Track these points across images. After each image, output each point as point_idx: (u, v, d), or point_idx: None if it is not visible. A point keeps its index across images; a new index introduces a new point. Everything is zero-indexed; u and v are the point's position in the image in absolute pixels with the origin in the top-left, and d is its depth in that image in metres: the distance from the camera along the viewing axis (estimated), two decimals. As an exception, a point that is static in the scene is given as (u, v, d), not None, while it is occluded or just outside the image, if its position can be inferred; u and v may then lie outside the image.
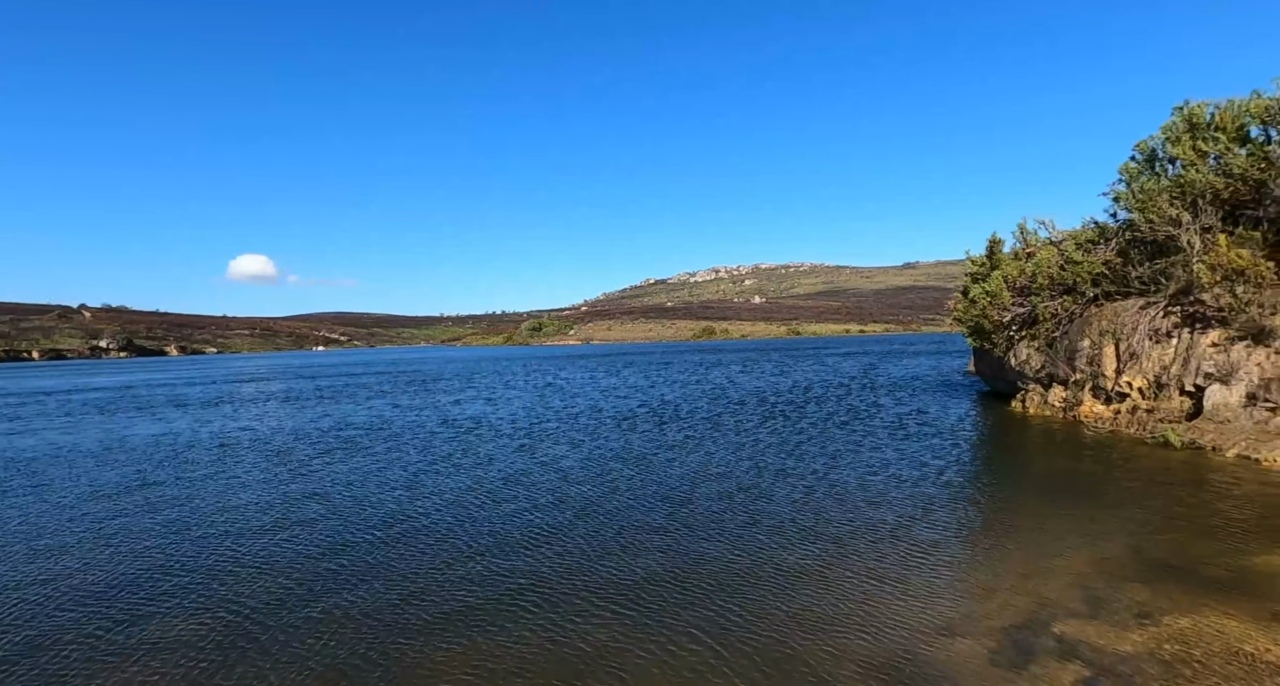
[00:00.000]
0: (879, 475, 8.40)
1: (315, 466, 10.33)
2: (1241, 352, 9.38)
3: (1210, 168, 11.01)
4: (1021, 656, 3.72)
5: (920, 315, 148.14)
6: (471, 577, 5.31)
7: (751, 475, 8.73)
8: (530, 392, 22.87)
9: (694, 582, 5.12)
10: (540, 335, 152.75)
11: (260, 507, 7.81)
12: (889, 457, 9.45)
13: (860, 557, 5.45)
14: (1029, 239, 15.39)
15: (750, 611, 4.57)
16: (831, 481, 8.13)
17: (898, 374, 25.12)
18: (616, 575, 5.32)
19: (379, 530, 6.82)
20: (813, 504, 7.17)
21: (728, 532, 6.28)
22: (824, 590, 4.88)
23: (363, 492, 8.53)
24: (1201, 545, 5.39)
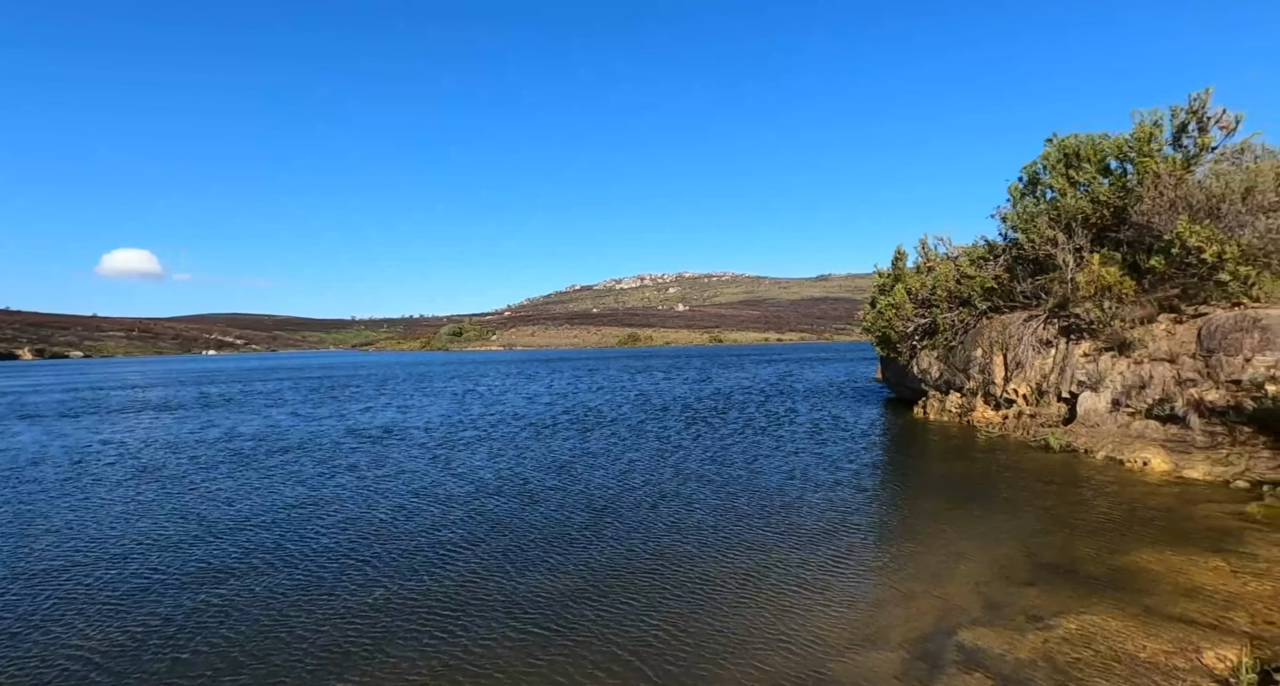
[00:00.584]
0: (796, 480, 8.53)
1: (194, 483, 9.19)
2: (1108, 362, 10.37)
3: (1080, 194, 12.19)
4: (930, 668, 3.75)
5: (833, 325, 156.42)
6: (372, 605, 4.78)
7: (674, 483, 8.63)
8: (448, 399, 21.84)
9: (614, 598, 4.89)
10: (461, 340, 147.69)
11: (119, 532, 6.78)
12: (805, 463, 9.66)
13: (780, 567, 5.43)
14: (929, 254, 16.45)
15: (672, 627, 4.40)
16: (751, 488, 8.17)
17: (813, 380, 26.16)
18: (532, 594, 4.99)
19: (265, 553, 6.08)
20: (734, 511, 7.14)
21: (650, 544, 6.10)
22: (744, 602, 4.79)
23: (248, 511, 7.65)
24: (1081, 545, 5.79)
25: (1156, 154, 11.21)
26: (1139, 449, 8.90)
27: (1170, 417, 9.19)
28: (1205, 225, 9.64)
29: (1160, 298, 10.27)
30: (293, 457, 11.24)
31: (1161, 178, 10.64)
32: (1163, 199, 10.58)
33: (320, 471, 10.00)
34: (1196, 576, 4.94)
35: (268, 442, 12.97)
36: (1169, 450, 8.68)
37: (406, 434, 13.98)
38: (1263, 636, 3.96)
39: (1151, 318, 10.18)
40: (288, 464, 10.68)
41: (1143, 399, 9.71)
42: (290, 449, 12.15)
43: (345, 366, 58.26)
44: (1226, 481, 7.60)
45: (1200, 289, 9.77)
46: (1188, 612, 4.32)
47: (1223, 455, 8.16)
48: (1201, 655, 3.70)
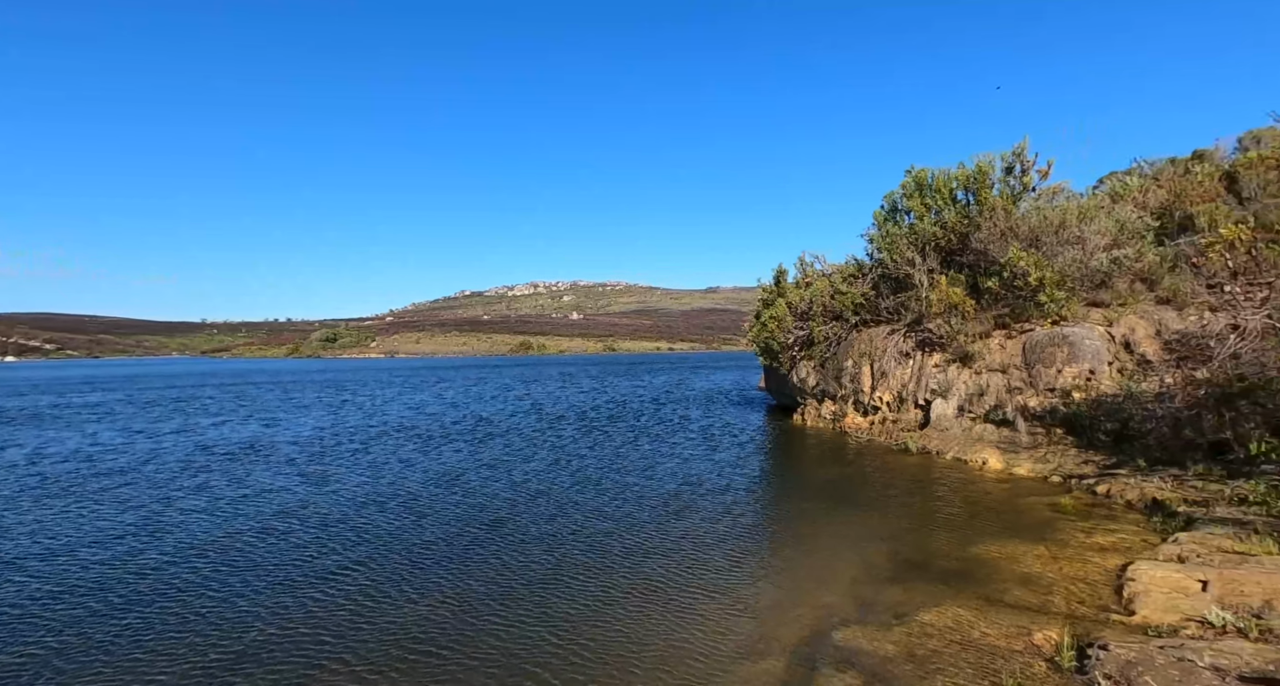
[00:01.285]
0: (688, 487, 8.67)
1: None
2: (954, 372, 11.67)
3: (932, 220, 13.69)
4: (808, 672, 3.91)
5: (721, 335, 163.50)
6: (242, 653, 4.11)
7: (570, 492, 8.46)
8: (322, 410, 19.94)
9: (509, 615, 4.62)
10: (335, 347, 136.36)
11: None
12: (697, 469, 9.87)
13: (669, 580, 5.43)
14: (807, 271, 17.65)
15: (569, 642, 4.23)
16: (646, 496, 8.17)
17: (702, 389, 27.06)
18: (424, 616, 4.58)
19: (84, 595, 5.08)
20: (629, 520, 7.08)
21: (539, 564, 5.86)
22: (641, 614, 4.75)
23: (59, 544, 6.39)
24: (936, 541, 6.39)
25: (990, 189, 12.86)
26: (979, 450, 10.06)
27: (1003, 421, 10.49)
28: (1030, 253, 11.17)
29: (995, 315, 11.74)
30: (126, 480, 9.64)
31: (996, 210, 12.20)
32: (996, 228, 12.15)
33: (163, 494, 8.66)
34: (1025, 564, 5.61)
35: (92, 464, 11.04)
36: (1002, 450, 9.89)
37: (273, 449, 12.56)
38: (1076, 615, 4.56)
39: (988, 333, 11.61)
40: (119, 487, 9.15)
41: (981, 405, 11.01)
42: (123, 471, 10.42)
43: (195, 375, 51.52)
44: (1045, 477, 8.79)
45: (1025, 309, 11.29)
46: (1020, 598, 4.88)
47: (1042, 454, 9.44)
48: (1032, 637, 4.18)
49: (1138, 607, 4.54)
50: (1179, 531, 6.09)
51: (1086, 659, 3.82)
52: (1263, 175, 11.62)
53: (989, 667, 3.86)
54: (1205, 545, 5.53)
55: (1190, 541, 5.70)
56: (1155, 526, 6.41)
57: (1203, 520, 6.25)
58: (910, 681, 3.76)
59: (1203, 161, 14.71)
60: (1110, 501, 7.47)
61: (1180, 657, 3.64)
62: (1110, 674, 3.59)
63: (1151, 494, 7.26)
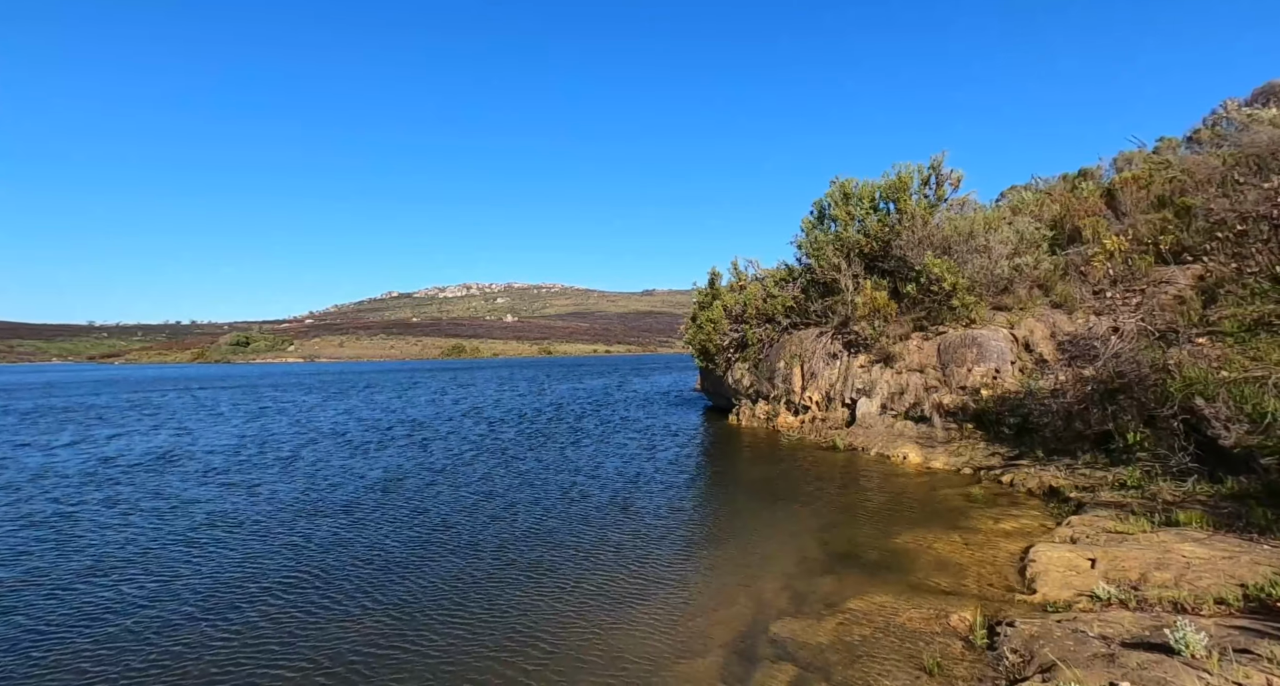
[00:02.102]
0: (627, 488, 8.71)
1: None
2: (878, 372, 12.36)
3: (857, 228, 14.44)
4: (747, 667, 4.05)
5: (658, 338, 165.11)
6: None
7: (510, 495, 8.30)
8: (241, 418, 18.58)
9: (447, 625, 4.47)
10: (247, 352, 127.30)
11: None
12: (636, 470, 9.94)
13: (610, 580, 5.46)
14: (741, 275, 18.18)
15: (508, 652, 4.13)
16: (584, 498, 8.14)
17: (640, 391, 27.27)
18: (348, 637, 4.35)
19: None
20: (570, 522, 7.04)
21: (479, 569, 5.72)
22: (581, 618, 4.73)
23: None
24: (862, 532, 6.76)
25: (909, 199, 13.72)
26: (900, 446, 10.70)
27: (921, 418, 11.21)
28: (944, 260, 11.99)
29: (914, 319, 12.53)
30: (19, 495, 8.63)
31: (915, 219, 13.02)
32: (915, 236, 12.97)
33: (66, 509, 7.82)
34: (942, 551, 6.03)
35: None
36: (920, 445, 10.57)
37: (191, 459, 11.61)
38: (986, 596, 4.96)
39: (908, 335, 12.37)
40: (10, 503, 8.18)
41: (902, 403, 11.71)
42: (12, 486, 9.33)
43: (84, 383, 46.76)
44: (958, 469, 9.47)
45: (940, 312, 12.11)
46: (938, 584, 5.24)
47: (955, 448, 10.16)
48: (949, 618, 4.51)
49: (1039, 586, 4.99)
50: (1071, 515, 6.72)
51: (996, 636, 4.16)
52: (1135, 193, 13.03)
53: (912, 650, 4.13)
54: (1093, 527, 6.15)
55: (1080, 523, 6.32)
56: (1052, 511, 7.05)
57: (1090, 504, 6.94)
58: (842, 669, 3.97)
59: (1087, 179, 16.29)
60: (1014, 490, 8.15)
61: (1074, 629, 4.04)
62: (1016, 648, 3.93)
63: (1049, 482, 7.98)
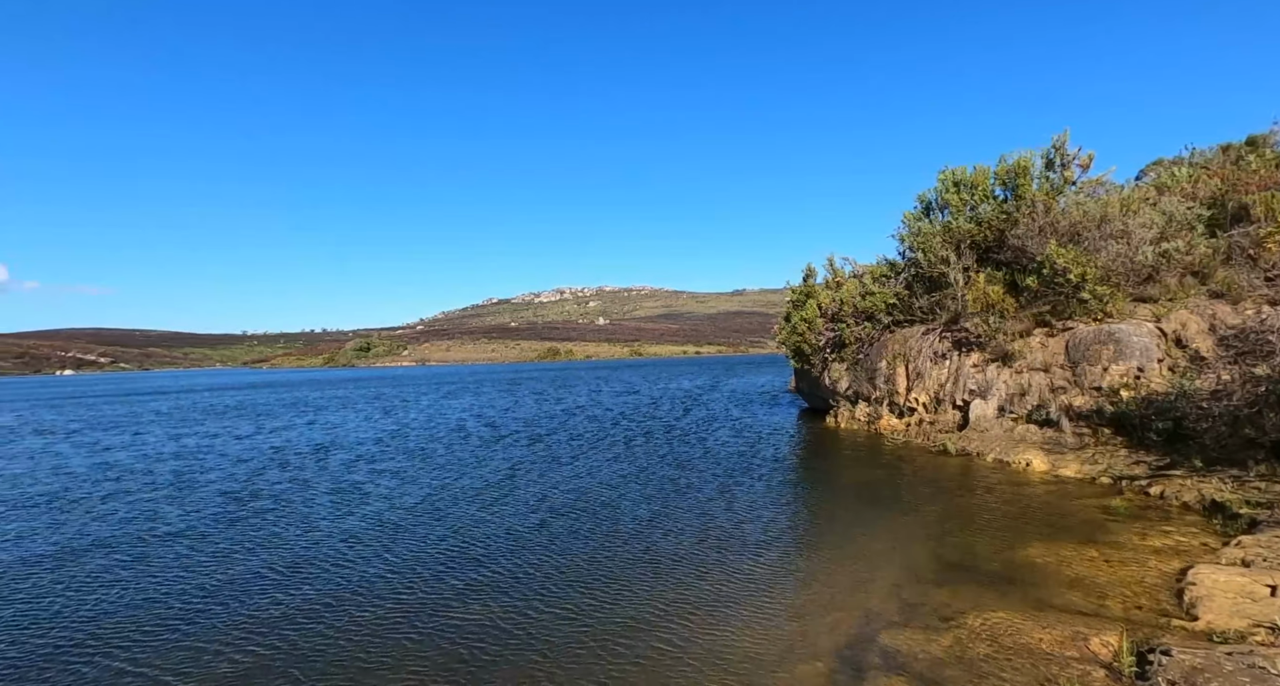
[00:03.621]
0: (723, 492, 8.63)
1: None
2: (994, 372, 11.37)
3: (968, 217, 13.39)
4: (854, 676, 3.85)
5: (748, 338, 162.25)
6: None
7: (612, 495, 8.52)
8: (378, 414, 20.45)
9: (540, 628, 4.64)
10: (368, 356, 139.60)
11: None
12: (731, 474, 9.81)
13: (707, 581, 5.42)
14: (837, 272, 17.44)
15: (606, 650, 4.23)
16: (682, 501, 8.16)
17: (732, 392, 26.89)
18: (462, 625, 4.64)
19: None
20: (667, 524, 7.08)
21: (583, 561, 5.89)
22: (678, 620, 4.73)
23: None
24: (980, 543, 6.23)
25: (1029, 184, 12.53)
26: (1022, 451, 9.77)
27: (1046, 422, 10.18)
28: (1070, 248, 10.84)
29: (1035, 313, 11.41)
30: (230, 474, 10.05)
31: (1035, 205, 11.88)
32: (1034, 224, 11.82)
33: (266, 488, 9.00)
34: (1077, 567, 5.43)
35: (203, 465, 11.52)
36: (1046, 451, 9.59)
37: (342, 449, 12.93)
38: (1134, 620, 4.39)
39: (1029, 331, 11.29)
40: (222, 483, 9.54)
41: (1023, 405, 10.70)
42: (216, 469, 10.85)
43: (243, 386, 53.36)
44: (1093, 478, 8.49)
45: (1068, 305, 10.95)
46: (1073, 602, 4.72)
47: (1089, 455, 9.12)
48: (1088, 642, 4.04)
49: (1201, 612, 4.36)
50: (1242, 534, 5.82)
51: (1148, 665, 3.68)
52: (1322, 161, 11.08)
53: (1044, 673, 3.74)
54: (1272, 548, 5.28)
55: (1255, 544, 5.44)
56: (1216, 528, 6.14)
57: (1268, 522, 5.96)
58: (963, 685, 3.67)
59: (1257, 148, 14.07)
60: (1165, 503, 7.18)
61: (1250, 664, 3.48)
62: (1174, 680, 3.45)
63: (1210, 495, 6.95)
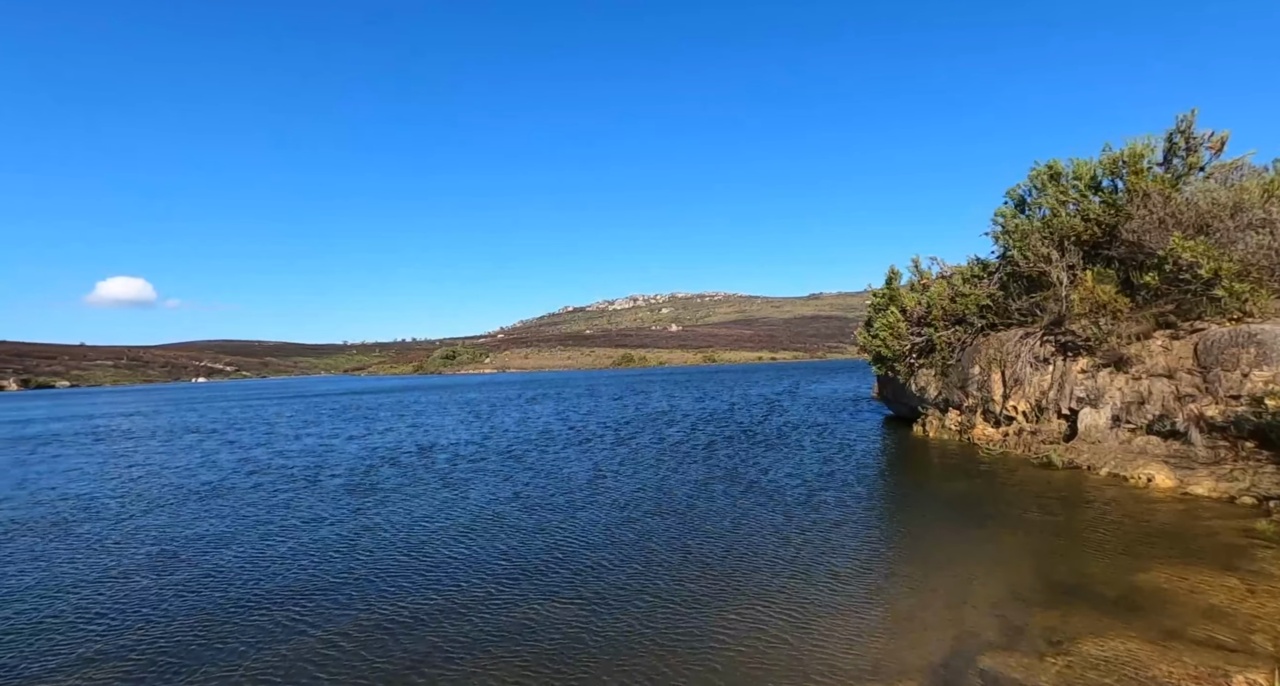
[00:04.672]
0: (804, 501, 8.39)
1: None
2: (1106, 378, 10.39)
3: (1071, 213, 12.36)
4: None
5: (826, 343, 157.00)
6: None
7: (693, 500, 8.54)
8: (470, 417, 21.61)
9: (627, 624, 4.71)
10: (454, 363, 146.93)
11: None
12: (812, 482, 9.53)
13: (793, 592, 5.29)
14: (923, 274, 16.58)
15: (688, 657, 4.23)
16: (763, 508, 8.02)
17: (811, 399, 26.11)
18: (542, 620, 4.80)
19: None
20: (748, 532, 6.99)
21: (664, 564, 5.93)
22: (759, 631, 4.64)
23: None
24: (1094, 564, 5.69)
25: (1145, 173, 11.41)
26: (1142, 465, 8.85)
27: (1171, 433, 9.17)
28: (1198, 241, 9.75)
29: (1156, 314, 10.34)
30: (355, 468, 11.02)
31: (1151, 196, 10.80)
32: (1152, 216, 10.73)
33: (394, 483, 9.81)
34: (1213, 596, 4.85)
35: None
36: (1172, 466, 8.64)
37: (442, 449, 13.78)
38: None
39: (1147, 334, 10.24)
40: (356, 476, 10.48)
41: (1143, 415, 9.70)
42: (338, 466, 11.92)
43: (346, 393, 57.70)
44: (1232, 497, 7.55)
45: (1196, 305, 9.85)
46: (1211, 635, 4.22)
47: (1227, 471, 8.12)
48: (1230, 681, 3.60)
49: (1375, 655, 3.77)
50: None
51: (1307, 710, 3.22)
52: None
53: (1175, 710, 3.37)
54: None
55: None
56: (1392, 560, 5.30)
57: None
58: (1075, 717, 3.37)
59: None
60: (1324, 529, 6.27)
61: None
62: (1343, 730, 3.01)
63: (1384, 521, 6.00)
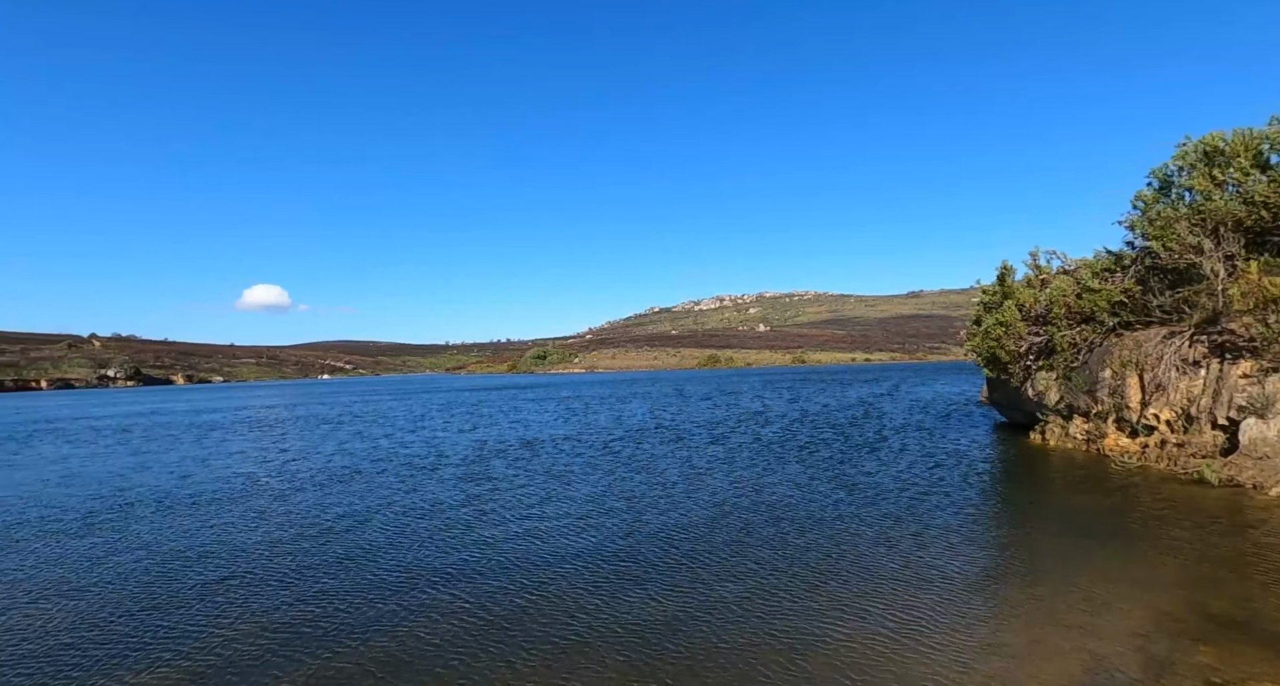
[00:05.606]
0: (911, 513, 7.97)
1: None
2: (1276, 385, 9.03)
3: (1229, 195, 10.85)
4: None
5: (926, 344, 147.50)
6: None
7: (794, 505, 8.39)
8: (567, 414, 22.58)
9: (712, 637, 4.72)
10: (545, 363, 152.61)
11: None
12: (919, 492, 9.03)
13: (897, 605, 5.07)
14: (1041, 269, 15.20)
15: (773, 674, 4.18)
16: (867, 521, 7.70)
17: (912, 402, 24.68)
18: (646, 618, 4.94)
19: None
20: (851, 547, 6.76)
21: (751, 570, 5.88)
22: (866, 655, 4.45)
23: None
24: (1265, 597, 4.97)
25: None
26: (1324, 486, 7.62)
27: (1364, 450, 7.82)
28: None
29: (1341, 310, 8.86)
30: (475, 459, 11.99)
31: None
32: (1337, 196, 9.21)
33: (520, 472, 10.62)
34: None
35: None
36: (1366, 488, 7.37)
37: (544, 443, 14.58)
38: None
39: (1330, 333, 8.80)
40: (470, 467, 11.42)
41: (1325, 427, 8.34)
42: (453, 456, 12.97)
43: (449, 390, 61.67)
44: None
45: (1396, 299, 8.34)
46: None
47: None
48: None
49: None
50: None
51: None
52: None
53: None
54: None
55: None
56: None
57: None
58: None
59: None
60: None
61: None
62: None
63: None
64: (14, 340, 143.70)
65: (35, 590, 6.18)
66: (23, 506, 10.13)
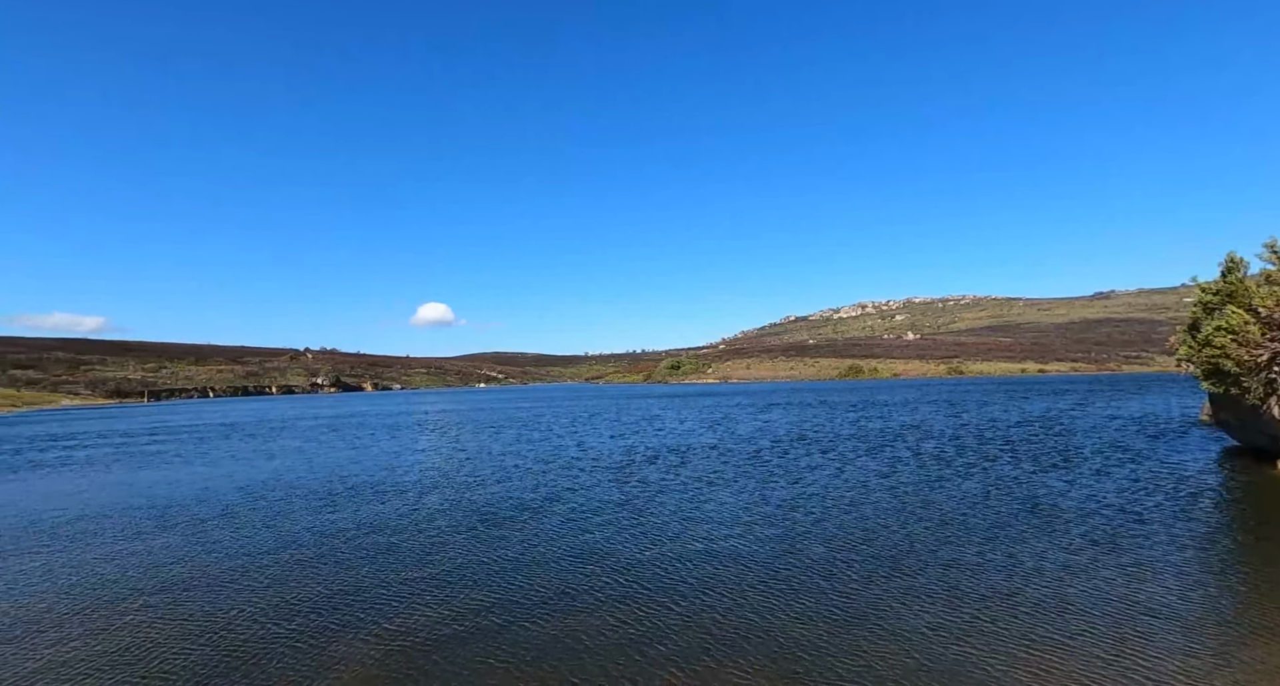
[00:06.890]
0: (1114, 535, 7.15)
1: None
2: None
3: None
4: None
5: (1119, 352, 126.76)
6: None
7: (965, 522, 8.03)
8: (711, 422, 23.15)
9: (884, 665, 4.71)
10: (678, 373, 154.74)
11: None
12: (1124, 511, 8.04)
13: (1109, 638, 4.66)
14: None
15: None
16: (1051, 537, 7.07)
17: (1104, 419, 21.51)
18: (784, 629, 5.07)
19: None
20: (1033, 563, 6.28)
21: (925, 591, 5.72)
22: (1083, 663, 4.22)
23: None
24: None
25: None
26: None
27: None
28: None
29: None
30: (617, 466, 13.09)
31: None
32: None
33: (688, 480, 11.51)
34: None
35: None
36: None
37: (693, 450, 15.29)
38: None
39: None
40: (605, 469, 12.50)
41: None
42: (609, 461, 14.14)
43: (590, 397, 65.16)
44: None
45: None
46: None
47: None
48: None
49: None
50: None
51: None
52: None
53: None
54: None
55: None
56: None
57: None
58: None
59: None
60: None
61: None
62: None
63: None
64: (255, 353, 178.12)
65: (303, 554, 7.82)
66: (286, 489, 12.72)
